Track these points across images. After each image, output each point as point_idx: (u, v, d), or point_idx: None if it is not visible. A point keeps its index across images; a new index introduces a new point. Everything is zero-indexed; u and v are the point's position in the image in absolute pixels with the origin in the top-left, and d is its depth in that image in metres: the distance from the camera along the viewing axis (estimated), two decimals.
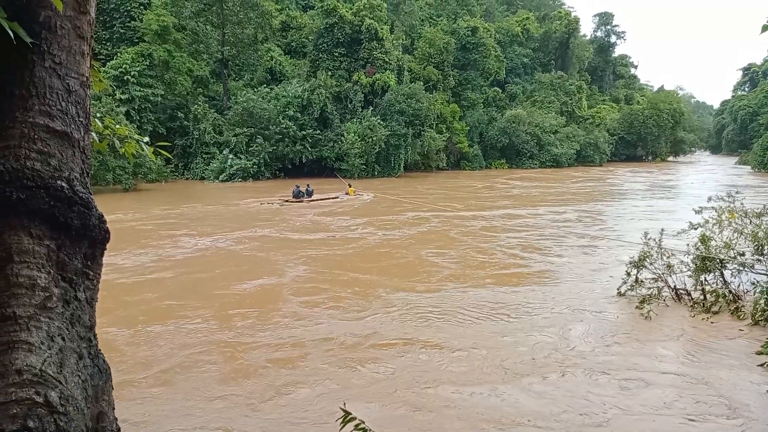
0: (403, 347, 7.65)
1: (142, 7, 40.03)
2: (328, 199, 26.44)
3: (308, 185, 26.89)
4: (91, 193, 2.56)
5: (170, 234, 16.84)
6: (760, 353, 7.19)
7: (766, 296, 8.39)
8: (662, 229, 9.80)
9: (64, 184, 2.38)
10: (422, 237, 16.72)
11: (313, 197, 25.90)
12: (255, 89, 40.86)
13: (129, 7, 39.73)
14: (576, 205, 25.68)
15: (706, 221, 9.83)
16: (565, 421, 5.59)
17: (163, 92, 36.82)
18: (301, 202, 24.96)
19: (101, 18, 38.74)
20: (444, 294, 10.38)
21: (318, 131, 39.42)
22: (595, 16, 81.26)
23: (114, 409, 2.65)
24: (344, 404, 2.75)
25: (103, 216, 2.60)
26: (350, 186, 29.09)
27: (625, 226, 19.35)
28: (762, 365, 6.84)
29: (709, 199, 10.45)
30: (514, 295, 10.48)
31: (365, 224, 19.09)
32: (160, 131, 36.40)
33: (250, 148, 37.19)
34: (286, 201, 25.05)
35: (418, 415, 5.73)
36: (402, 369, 6.90)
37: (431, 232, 17.60)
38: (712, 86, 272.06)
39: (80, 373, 2.35)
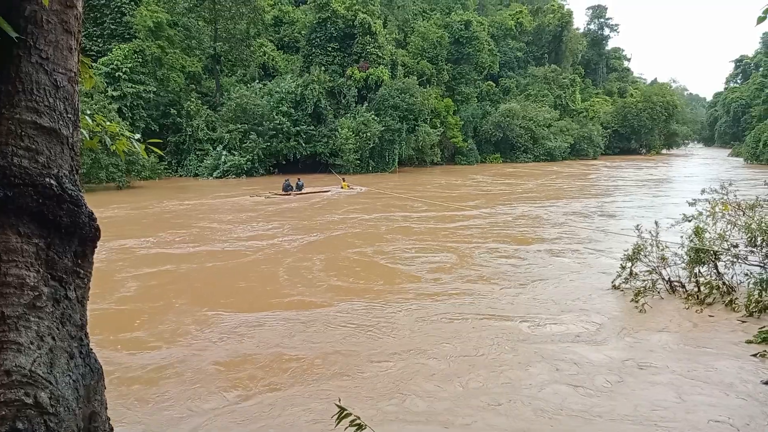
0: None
1: (132, 3, 39.67)
2: (318, 192, 27.01)
3: (299, 179, 27.70)
4: (80, 191, 2.52)
5: None
6: (749, 342, 7.25)
7: (759, 288, 8.45)
8: (656, 222, 9.84)
9: (52, 182, 2.34)
10: (313, 246, 14.64)
11: (303, 191, 26.55)
12: (248, 85, 40.66)
13: (119, 3, 39.34)
14: (571, 200, 25.76)
15: (700, 213, 9.88)
16: (559, 415, 5.60)
17: (155, 89, 36.51)
18: (289, 195, 25.66)
19: (92, 14, 38.30)
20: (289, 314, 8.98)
21: (312, 127, 39.32)
22: (588, 8, 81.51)
23: (107, 409, 2.62)
24: (339, 400, 2.74)
25: (93, 213, 2.57)
26: (344, 180, 29.41)
27: (619, 220, 19.43)
28: (755, 355, 6.89)
29: (703, 191, 10.51)
30: (506, 290, 10.50)
31: (273, 230, 17.03)
32: (152, 128, 36.12)
33: (243, 145, 36.99)
34: (276, 194, 25.58)
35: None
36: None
37: (330, 240, 15.62)
38: (704, 78, 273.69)
39: (71, 373, 2.32)
